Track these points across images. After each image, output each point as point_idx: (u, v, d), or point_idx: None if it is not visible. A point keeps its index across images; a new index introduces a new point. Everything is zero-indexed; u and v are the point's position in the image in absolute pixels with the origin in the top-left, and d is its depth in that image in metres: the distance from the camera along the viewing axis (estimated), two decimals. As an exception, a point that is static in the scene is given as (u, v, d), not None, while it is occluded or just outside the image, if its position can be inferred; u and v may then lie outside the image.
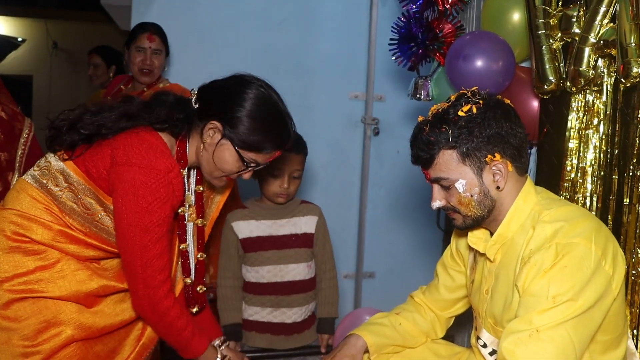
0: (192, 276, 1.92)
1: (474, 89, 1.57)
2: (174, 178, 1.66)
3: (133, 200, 1.61)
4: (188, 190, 1.85)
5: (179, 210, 1.82)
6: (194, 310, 1.94)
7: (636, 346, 1.65)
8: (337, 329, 2.45)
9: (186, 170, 1.79)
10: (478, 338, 1.71)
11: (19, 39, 7.81)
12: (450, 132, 1.49)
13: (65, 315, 1.66)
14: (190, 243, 1.91)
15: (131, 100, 1.76)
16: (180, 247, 1.88)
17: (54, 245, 1.66)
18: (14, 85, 2.43)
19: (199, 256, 1.93)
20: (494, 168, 1.51)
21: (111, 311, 1.76)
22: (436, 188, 1.58)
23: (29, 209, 1.66)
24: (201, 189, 1.90)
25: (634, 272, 1.68)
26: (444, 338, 1.95)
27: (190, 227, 1.90)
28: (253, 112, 1.67)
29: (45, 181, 1.67)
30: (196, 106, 1.74)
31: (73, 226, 1.67)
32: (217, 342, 2.00)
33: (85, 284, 1.70)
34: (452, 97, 1.57)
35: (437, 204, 1.59)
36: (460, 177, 1.52)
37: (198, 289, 1.94)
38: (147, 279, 1.67)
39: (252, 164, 1.74)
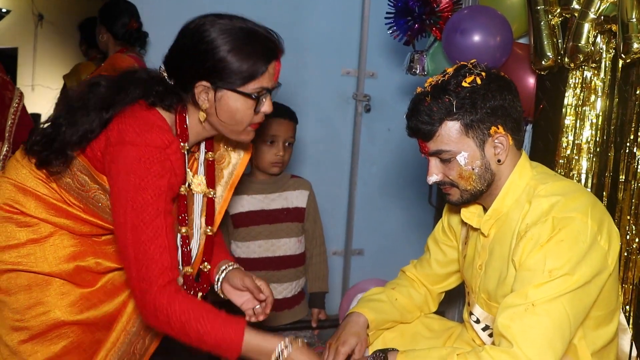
0: (193, 262, 1.74)
1: (472, 61, 1.54)
2: (172, 154, 1.53)
3: (125, 178, 1.48)
4: (196, 163, 1.73)
5: (181, 190, 1.66)
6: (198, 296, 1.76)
7: (628, 322, 1.66)
8: (342, 300, 2.44)
9: (187, 144, 1.64)
10: (471, 314, 1.70)
11: (3, 10, 7.65)
12: (454, 103, 1.46)
13: (52, 296, 1.60)
14: (197, 218, 1.74)
15: (95, 88, 1.58)
16: (183, 232, 1.70)
17: (48, 219, 1.60)
18: (-2, 57, 2.40)
19: (208, 230, 1.76)
20: (496, 141, 1.49)
21: (109, 290, 1.68)
22: (433, 162, 1.54)
23: (26, 180, 1.59)
24: (211, 156, 1.75)
25: (627, 248, 1.68)
26: (435, 313, 1.96)
27: (199, 200, 1.74)
28: (224, 47, 1.51)
29: None
30: (172, 82, 1.59)
31: (70, 201, 1.60)
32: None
33: (79, 260, 1.62)
34: (449, 70, 1.54)
35: (433, 178, 1.55)
36: (462, 150, 1.48)
37: (202, 266, 1.77)
38: (141, 270, 1.48)
39: (263, 92, 1.57)
